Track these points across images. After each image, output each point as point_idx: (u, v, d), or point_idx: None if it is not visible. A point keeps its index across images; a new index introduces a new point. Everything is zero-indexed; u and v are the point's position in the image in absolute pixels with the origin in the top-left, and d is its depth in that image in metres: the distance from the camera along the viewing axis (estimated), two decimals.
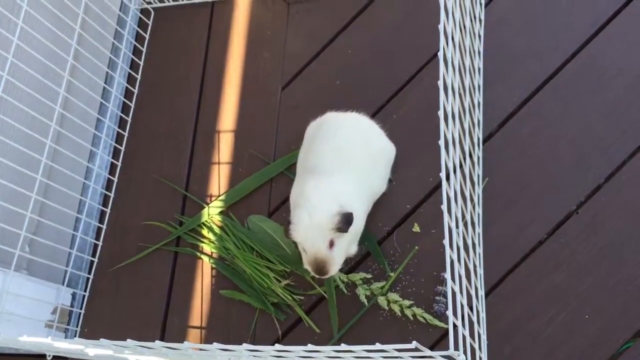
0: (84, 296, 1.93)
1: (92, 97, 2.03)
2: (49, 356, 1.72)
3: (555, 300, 1.51)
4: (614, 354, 1.44)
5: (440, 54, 1.10)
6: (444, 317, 1.56)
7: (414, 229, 1.68)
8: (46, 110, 1.77)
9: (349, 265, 1.69)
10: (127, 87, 2.17)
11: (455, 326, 1.01)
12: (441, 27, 1.12)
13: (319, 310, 1.68)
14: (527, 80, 1.75)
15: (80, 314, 1.92)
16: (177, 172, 2.01)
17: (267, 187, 1.88)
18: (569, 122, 1.67)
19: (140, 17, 2.25)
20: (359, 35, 1.99)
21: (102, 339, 1.03)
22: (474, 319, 1.33)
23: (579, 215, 1.58)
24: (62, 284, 1.92)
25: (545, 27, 1.79)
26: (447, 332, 1.55)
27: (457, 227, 1.08)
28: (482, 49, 1.80)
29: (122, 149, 2.09)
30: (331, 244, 1.42)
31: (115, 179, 2.06)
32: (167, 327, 1.82)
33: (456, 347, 0.98)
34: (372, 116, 1.79)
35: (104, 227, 2.00)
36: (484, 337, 1.49)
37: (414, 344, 0.89)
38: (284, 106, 1.98)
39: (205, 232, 1.87)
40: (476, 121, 1.68)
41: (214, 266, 1.82)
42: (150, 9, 2.27)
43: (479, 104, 1.73)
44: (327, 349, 0.93)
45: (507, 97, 1.75)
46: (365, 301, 1.61)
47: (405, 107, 1.83)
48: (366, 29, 1.99)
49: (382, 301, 1.60)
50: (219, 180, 1.95)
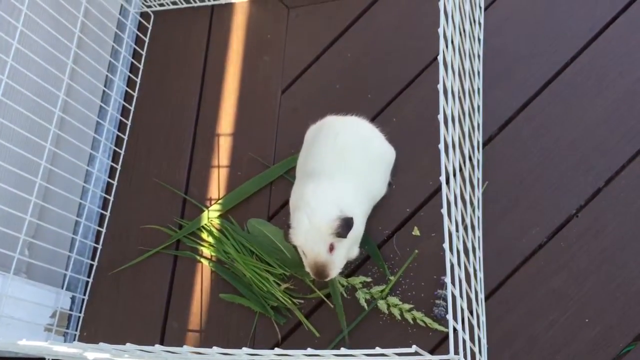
0: (83, 300, 1.93)
1: (92, 101, 2.03)
2: None
3: (555, 304, 1.51)
4: (614, 358, 1.44)
5: (440, 58, 1.10)
6: (444, 321, 1.56)
7: (413, 233, 1.68)
8: (46, 113, 1.77)
9: (349, 269, 1.68)
10: (126, 90, 2.17)
11: (455, 330, 1.01)
12: (441, 30, 1.12)
13: (318, 314, 1.68)
14: (527, 83, 1.75)
15: (79, 317, 1.92)
16: (177, 176, 2.01)
17: (266, 190, 1.88)
18: (568, 125, 1.67)
19: (140, 21, 2.26)
20: (359, 38, 1.99)
21: (101, 343, 1.03)
22: (474, 322, 1.33)
23: (579, 218, 1.58)
24: (62, 288, 1.92)
25: (545, 31, 1.79)
26: (447, 336, 1.54)
27: (457, 230, 1.08)
28: (481, 53, 1.80)
29: (122, 152, 2.09)
30: (331, 248, 1.42)
31: (114, 183, 2.06)
32: (167, 330, 1.82)
33: (456, 351, 0.98)
34: (372, 120, 1.79)
35: (104, 230, 2.00)
36: (484, 341, 1.48)
37: (414, 348, 0.89)
38: (283, 110, 1.98)
39: (204, 235, 1.87)
40: (476, 125, 1.68)
41: (213, 270, 1.82)
42: (150, 12, 2.28)
43: (478, 107, 1.73)
44: (327, 353, 0.93)
45: (506, 100, 1.75)
46: (365, 305, 1.61)
47: (405, 111, 1.83)
48: (366, 32, 1.99)
49: (382, 305, 1.60)
50: (219, 183, 1.95)
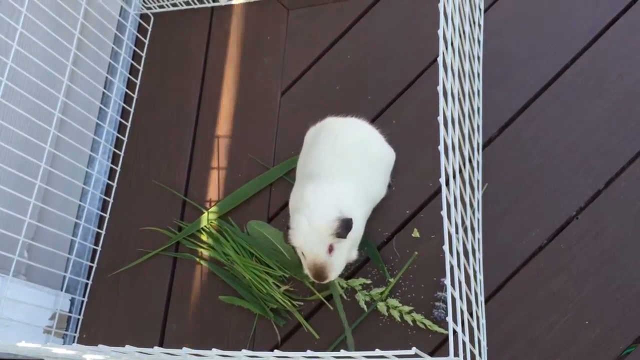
0: (83, 302, 1.93)
1: (92, 102, 2.03)
2: None
3: (555, 305, 1.51)
4: None
5: (439, 59, 1.10)
6: (443, 323, 1.55)
7: (413, 235, 1.68)
8: (45, 115, 1.77)
9: (349, 271, 1.68)
10: (126, 92, 2.17)
11: (455, 332, 1.01)
12: (440, 32, 1.12)
13: (318, 316, 1.68)
14: (526, 85, 1.75)
15: (78, 319, 1.91)
16: (176, 177, 2.01)
17: (266, 192, 1.88)
18: (568, 127, 1.67)
19: (139, 22, 2.26)
20: (359, 40, 1.99)
21: (100, 345, 1.03)
22: (474, 324, 1.32)
23: (579, 220, 1.57)
24: (61, 290, 1.92)
25: (545, 32, 1.79)
26: (447, 338, 1.54)
27: (457, 232, 1.08)
28: (481, 54, 1.80)
29: (122, 154, 2.09)
30: (330, 249, 1.42)
31: (114, 184, 2.06)
32: (166, 332, 1.81)
33: (456, 353, 0.97)
34: (372, 121, 1.79)
35: (103, 232, 2.00)
36: (484, 343, 1.48)
37: (414, 350, 0.88)
38: (283, 111, 1.98)
39: (204, 237, 1.87)
40: (476, 126, 1.68)
41: (213, 271, 1.82)
42: (149, 14, 2.28)
43: (478, 109, 1.73)
44: (327, 355, 0.93)
45: (506, 102, 1.75)
46: (364, 307, 1.61)
47: (405, 113, 1.83)
48: (366, 34, 1.99)
49: (381, 307, 1.59)
50: (218, 185, 1.94)
